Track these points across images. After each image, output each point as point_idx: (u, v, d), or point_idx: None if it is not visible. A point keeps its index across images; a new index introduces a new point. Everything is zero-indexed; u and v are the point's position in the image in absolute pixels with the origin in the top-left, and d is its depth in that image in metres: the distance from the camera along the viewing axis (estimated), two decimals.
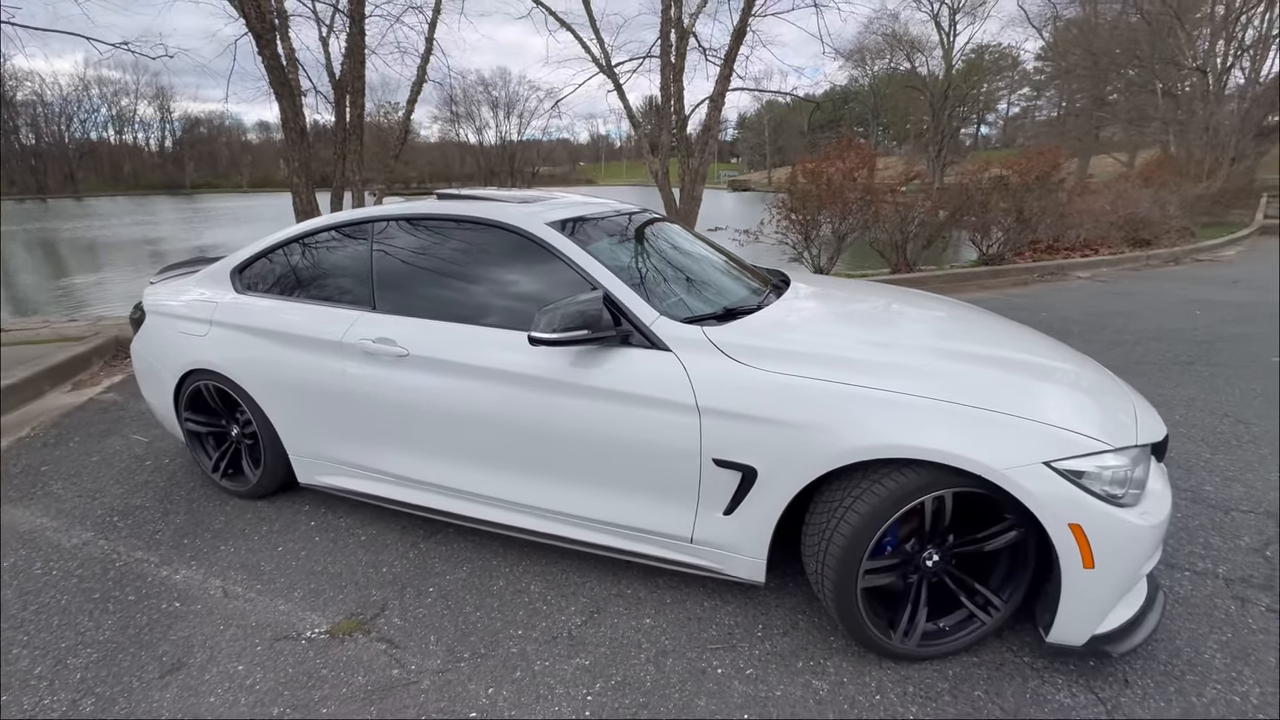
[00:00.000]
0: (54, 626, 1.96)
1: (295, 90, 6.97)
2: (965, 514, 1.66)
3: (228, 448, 2.75)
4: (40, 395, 4.12)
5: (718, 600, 2.02)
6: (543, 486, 2.05)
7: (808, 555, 1.76)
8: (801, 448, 1.64)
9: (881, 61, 42.65)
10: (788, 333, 2.00)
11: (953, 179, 9.58)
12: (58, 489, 2.86)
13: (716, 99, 8.74)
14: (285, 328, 2.43)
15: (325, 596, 2.08)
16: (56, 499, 2.77)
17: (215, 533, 2.48)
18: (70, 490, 2.85)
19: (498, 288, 2.19)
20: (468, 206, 2.32)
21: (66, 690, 1.71)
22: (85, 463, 3.13)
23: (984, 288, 7.55)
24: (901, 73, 41.13)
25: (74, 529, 2.52)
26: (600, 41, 9.22)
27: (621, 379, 1.85)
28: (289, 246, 2.60)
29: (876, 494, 1.58)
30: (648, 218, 2.78)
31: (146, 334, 2.86)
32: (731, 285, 2.44)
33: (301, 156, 6.92)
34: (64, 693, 1.70)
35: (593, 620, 1.94)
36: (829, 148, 8.23)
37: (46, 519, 2.60)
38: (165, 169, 74.86)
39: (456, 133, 67.98)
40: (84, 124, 71.60)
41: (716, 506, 1.81)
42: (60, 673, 1.77)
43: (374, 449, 2.33)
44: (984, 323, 2.42)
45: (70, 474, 3.01)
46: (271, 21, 6.40)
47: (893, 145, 51.27)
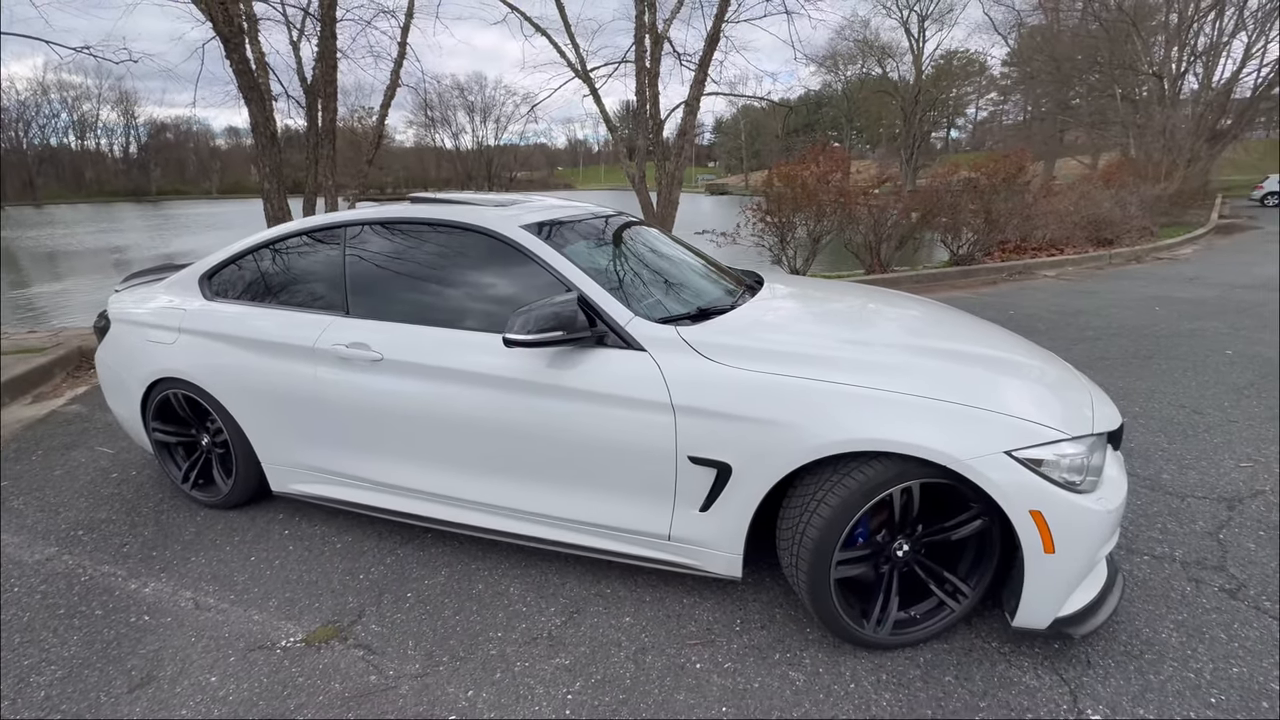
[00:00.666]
0: (16, 644, 1.91)
1: (265, 95, 6.86)
2: (933, 505, 1.71)
3: (198, 458, 2.70)
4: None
5: (696, 597, 2.04)
6: (520, 488, 2.05)
7: (782, 549, 1.80)
8: (774, 443, 1.67)
9: (854, 67, 43.46)
10: (761, 331, 2.04)
11: (924, 181, 9.79)
12: (18, 504, 2.78)
13: (691, 103, 8.82)
14: (256, 334, 2.40)
15: (301, 605, 2.05)
16: (17, 514, 2.69)
17: (185, 544, 2.43)
18: (32, 505, 2.76)
19: (472, 291, 2.19)
20: (442, 210, 2.32)
21: (30, 708, 1.66)
22: (48, 477, 3.04)
23: (955, 287, 7.73)
24: (874, 78, 41.93)
25: (36, 544, 2.45)
26: (575, 46, 9.25)
27: (597, 379, 1.87)
28: (259, 252, 2.57)
29: (847, 487, 1.62)
30: (623, 221, 2.80)
31: (112, 342, 2.80)
32: (706, 286, 2.48)
33: (273, 162, 6.81)
34: (27, 710, 1.65)
35: (572, 620, 1.95)
36: (804, 151, 8.36)
37: (7, 535, 2.52)
38: (130, 175, 72.87)
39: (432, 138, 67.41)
40: (43, 129, 69.49)
41: (693, 504, 1.84)
42: (23, 690, 1.72)
43: (349, 455, 2.31)
44: (953, 320, 2.49)
45: (32, 488, 2.92)
46: (240, 25, 6.30)
47: (866, 149, 52.21)
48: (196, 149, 78.77)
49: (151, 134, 76.04)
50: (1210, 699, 1.60)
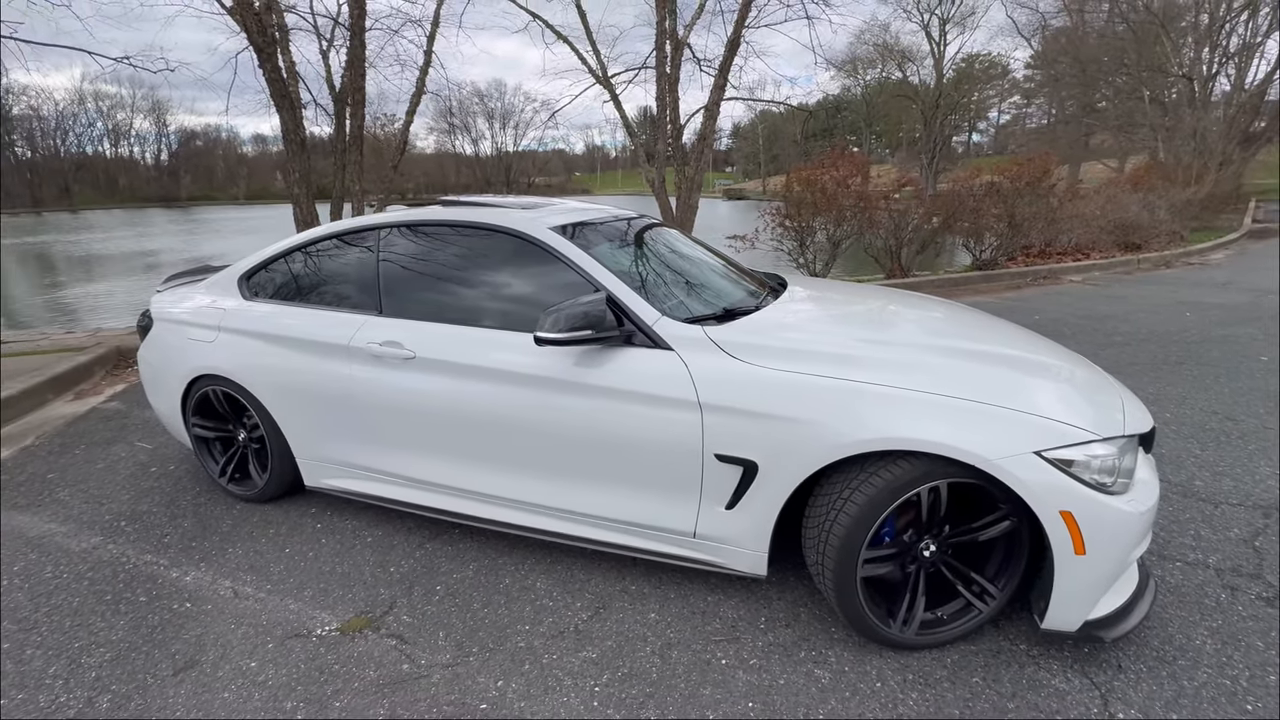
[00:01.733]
0: (67, 627, 1.99)
1: (295, 102, 7.05)
2: (961, 504, 1.71)
3: (235, 452, 2.79)
4: (43, 405, 4.14)
5: (721, 594, 2.06)
6: (548, 485, 2.09)
7: (808, 547, 1.81)
8: (800, 442, 1.69)
9: (873, 71, 43.15)
10: (786, 331, 2.05)
11: (945, 186, 9.71)
12: (64, 495, 2.89)
13: (711, 108, 8.86)
14: (293, 332, 2.48)
15: (334, 596, 2.11)
16: (64, 505, 2.80)
17: (223, 536, 2.51)
18: (77, 497, 2.87)
19: (502, 291, 2.24)
20: (471, 212, 2.38)
21: (82, 688, 1.73)
22: (91, 470, 3.15)
23: (978, 292, 7.64)
24: (893, 82, 41.58)
25: (82, 534, 2.55)
26: (596, 53, 9.36)
27: (625, 378, 1.90)
28: (296, 254, 2.65)
29: (874, 485, 1.63)
30: (647, 222, 2.84)
31: (154, 341, 2.90)
32: (730, 287, 2.50)
33: (302, 168, 6.98)
34: (80, 690, 1.73)
35: (599, 615, 1.98)
36: (822, 156, 8.34)
37: (55, 524, 2.63)
38: (161, 182, 74.97)
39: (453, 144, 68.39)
40: (80, 138, 71.88)
41: (719, 501, 1.86)
42: (75, 671, 1.80)
43: (380, 451, 2.37)
44: (978, 322, 2.48)
45: (76, 481, 3.03)
46: (272, 35, 6.49)
47: (886, 153, 51.78)
48: (225, 156, 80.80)
49: (182, 142, 78.32)
50: (1246, 706, 1.57)
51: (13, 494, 2.92)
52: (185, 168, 77.51)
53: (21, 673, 1.80)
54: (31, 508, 2.79)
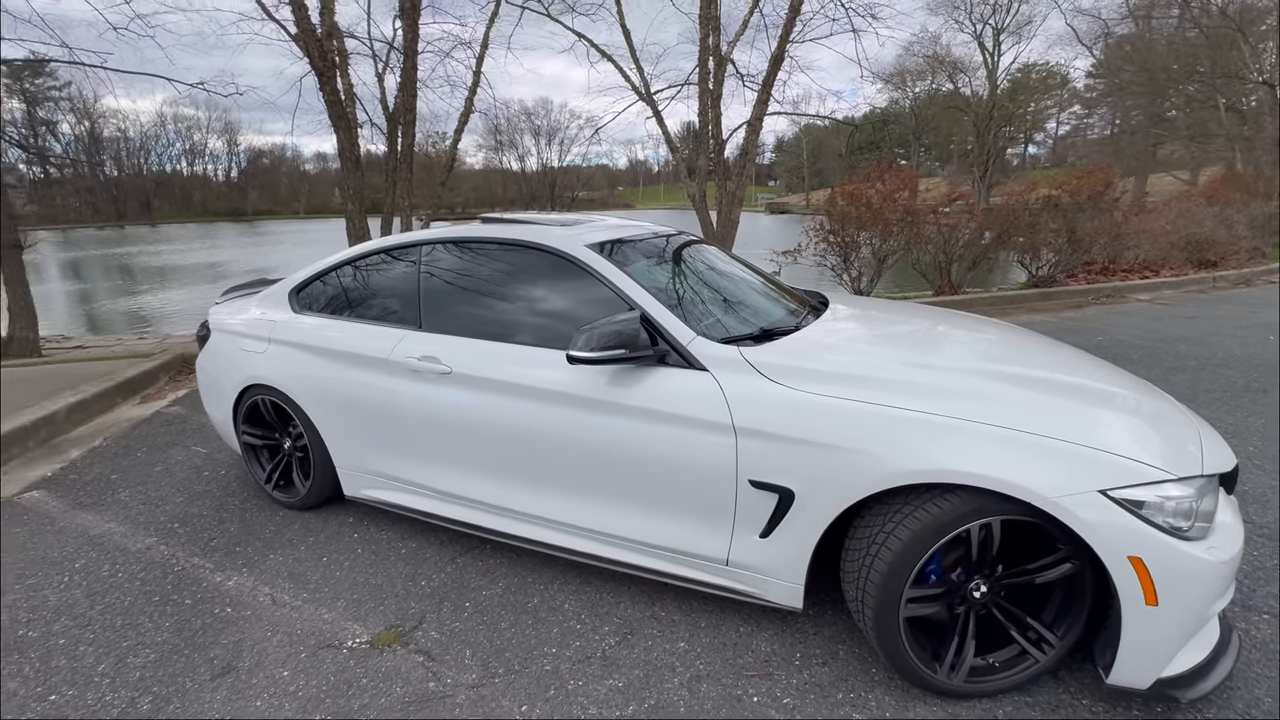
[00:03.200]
0: (118, 626, 2.07)
1: (352, 123, 7.37)
2: (1016, 543, 1.59)
3: (280, 460, 2.88)
4: (112, 408, 4.40)
5: (754, 626, 1.98)
6: (578, 504, 2.06)
7: (847, 582, 1.72)
8: (839, 470, 1.61)
9: (923, 83, 42.26)
10: (826, 353, 1.98)
11: (999, 199, 9.34)
12: (124, 496, 3.04)
13: (754, 123, 8.81)
14: (336, 345, 2.55)
15: (366, 607, 2.13)
16: (124, 506, 2.94)
17: (265, 541, 2.58)
18: (136, 498, 3.02)
19: (538, 307, 2.25)
20: (510, 230, 2.40)
21: (126, 688, 1.79)
22: (150, 472, 3.31)
23: (1034, 311, 7.29)
24: (943, 94, 40.60)
25: (138, 534, 2.66)
26: (640, 70, 9.46)
27: (658, 398, 1.86)
28: (342, 269, 2.74)
29: (919, 520, 1.53)
30: (685, 240, 2.81)
31: (211, 350, 3.04)
32: (768, 306, 2.44)
33: (356, 184, 7.29)
34: (124, 690, 1.79)
35: (626, 641, 1.93)
36: (868, 170, 8.17)
37: (114, 524, 2.76)
38: (230, 197, 79.72)
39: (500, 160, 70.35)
40: (160, 157, 77.33)
41: (753, 529, 1.79)
42: (121, 671, 1.86)
43: (416, 464, 2.40)
44: (1034, 345, 2.34)
45: (136, 482, 3.19)
46: (332, 60, 6.82)
47: (935, 166, 50.44)
48: (288, 173, 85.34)
49: (250, 160, 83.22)
50: None
51: (79, 493, 3.09)
52: (252, 184, 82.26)
53: (74, 669, 1.88)
54: (95, 507, 2.94)
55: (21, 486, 3.19)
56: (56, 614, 2.14)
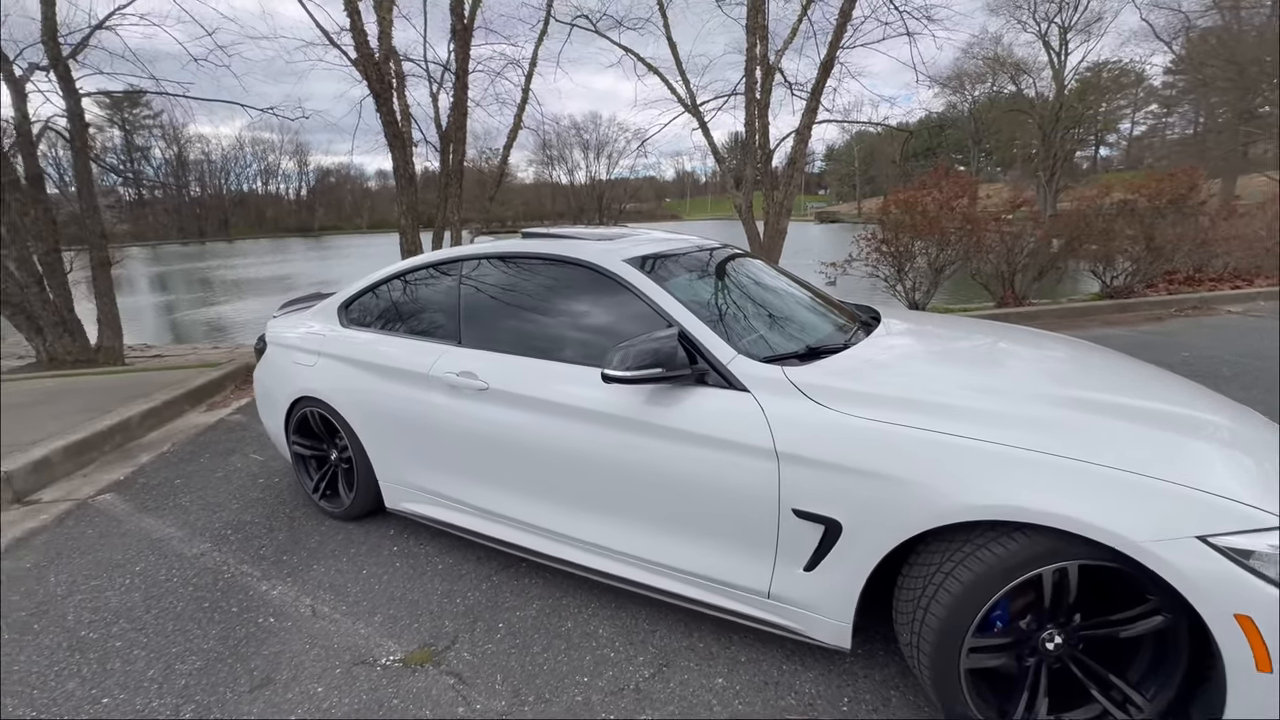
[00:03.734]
0: (169, 632, 2.14)
1: (407, 142, 7.66)
2: (1097, 590, 1.42)
3: (327, 471, 2.94)
4: (181, 414, 4.65)
5: (797, 664, 1.86)
6: (613, 527, 2.00)
7: (900, 624, 1.58)
8: (891, 503, 1.49)
9: (982, 86, 40.65)
10: (877, 374, 1.86)
11: (1068, 205, 8.80)
12: (186, 501, 3.18)
13: (802, 132, 8.64)
14: (380, 359, 2.59)
15: (402, 624, 2.12)
16: (184, 511, 3.07)
17: (310, 551, 2.63)
18: (196, 503, 3.15)
19: (575, 324, 2.21)
20: (549, 244, 2.38)
21: (172, 695, 1.84)
22: (210, 478, 3.46)
23: (1109, 323, 6.79)
24: (1005, 96, 38.92)
25: (194, 540, 2.77)
26: (686, 82, 9.46)
27: (695, 419, 1.78)
28: (388, 284, 2.79)
29: (982, 561, 1.39)
30: (728, 253, 2.73)
31: (266, 363, 3.16)
32: (815, 322, 2.32)
33: (409, 201, 7.55)
34: (169, 697, 1.83)
35: (661, 674, 1.84)
36: (923, 176, 7.85)
37: (174, 529, 2.88)
38: (299, 214, 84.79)
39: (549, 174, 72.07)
40: (238, 177, 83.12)
41: (796, 561, 1.68)
42: (169, 677, 1.91)
43: (453, 479, 2.40)
44: (1112, 365, 2.14)
45: (197, 488, 3.33)
46: (390, 82, 7.12)
47: (996, 171, 48.34)
48: (352, 190, 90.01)
49: (318, 178, 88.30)
50: None
51: (146, 497, 3.25)
52: (319, 201, 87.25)
53: (126, 672, 1.94)
54: (159, 511, 3.09)
55: (97, 489, 3.38)
56: (116, 616, 2.23)
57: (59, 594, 2.39)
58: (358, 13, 6.76)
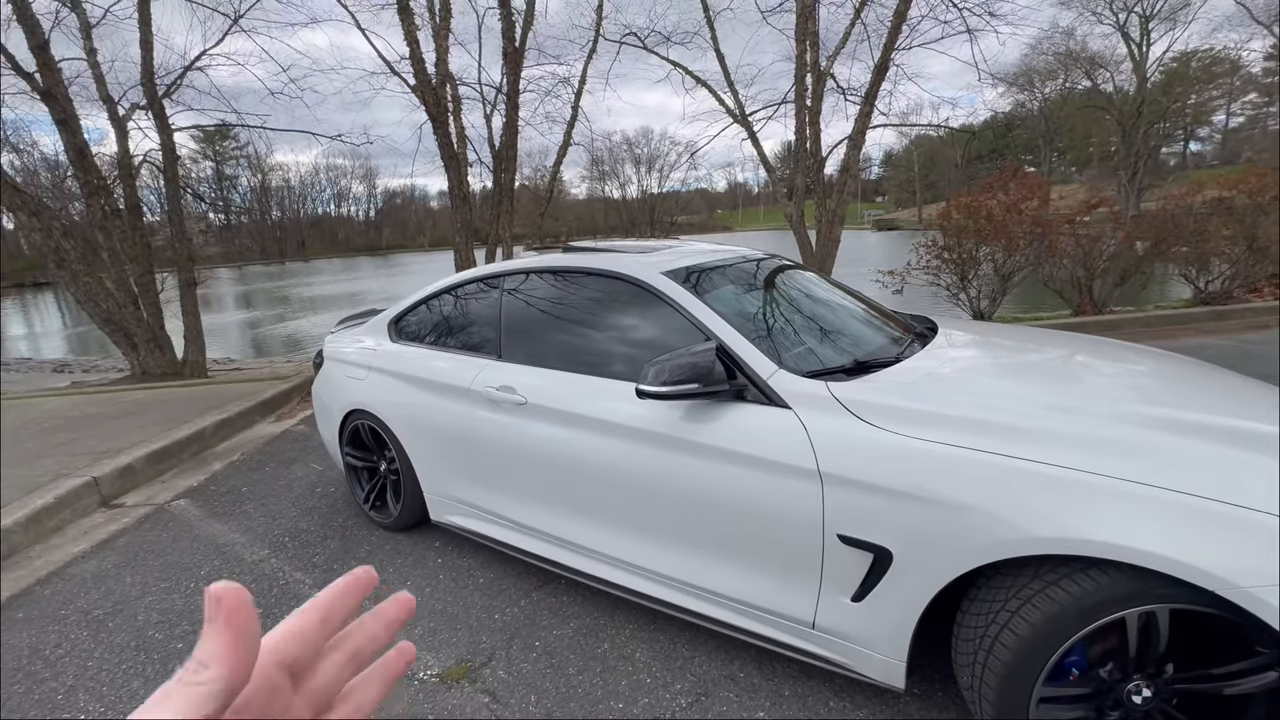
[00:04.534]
0: None
1: (462, 162, 7.95)
2: (1193, 634, 1.25)
3: (376, 482, 3.02)
4: (252, 425, 4.93)
5: (846, 701, 1.73)
6: (650, 547, 1.94)
7: (960, 665, 1.44)
8: (947, 531, 1.36)
9: (1054, 82, 38.55)
10: (931, 390, 1.72)
11: (1153, 205, 8.14)
12: (250, 508, 3.34)
13: (856, 138, 8.39)
14: (425, 374, 2.64)
15: (441, 637, 2.13)
16: (248, 517, 3.23)
17: (359, 561, 2.69)
18: (259, 510, 3.30)
19: (614, 338, 2.18)
20: (588, 258, 2.37)
21: None
22: (274, 486, 3.63)
23: (1203, 332, 6.19)
24: (1079, 92, 36.73)
25: (255, 546, 2.90)
26: (734, 93, 9.39)
27: (734, 437, 1.71)
28: (433, 300, 2.86)
29: (1055, 600, 1.25)
30: (774, 264, 2.64)
31: (323, 377, 3.29)
32: (865, 334, 2.20)
33: (464, 218, 7.81)
34: None
35: (699, 704, 1.76)
36: (988, 179, 7.45)
37: (238, 535, 3.03)
38: (368, 234, 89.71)
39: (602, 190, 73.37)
40: (313, 201, 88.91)
41: (843, 591, 1.57)
42: None
43: (494, 493, 2.40)
44: (1207, 380, 1.92)
45: (261, 495, 3.50)
46: (446, 106, 7.43)
47: (1071, 171, 45.59)
48: (416, 210, 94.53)
49: (385, 200, 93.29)
50: None
51: (215, 503, 3.44)
52: (386, 221, 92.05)
53: None
54: (226, 516, 3.26)
55: (173, 494, 3.61)
56: (180, 618, 2.35)
57: (133, 594, 2.54)
58: (416, 42, 7.10)
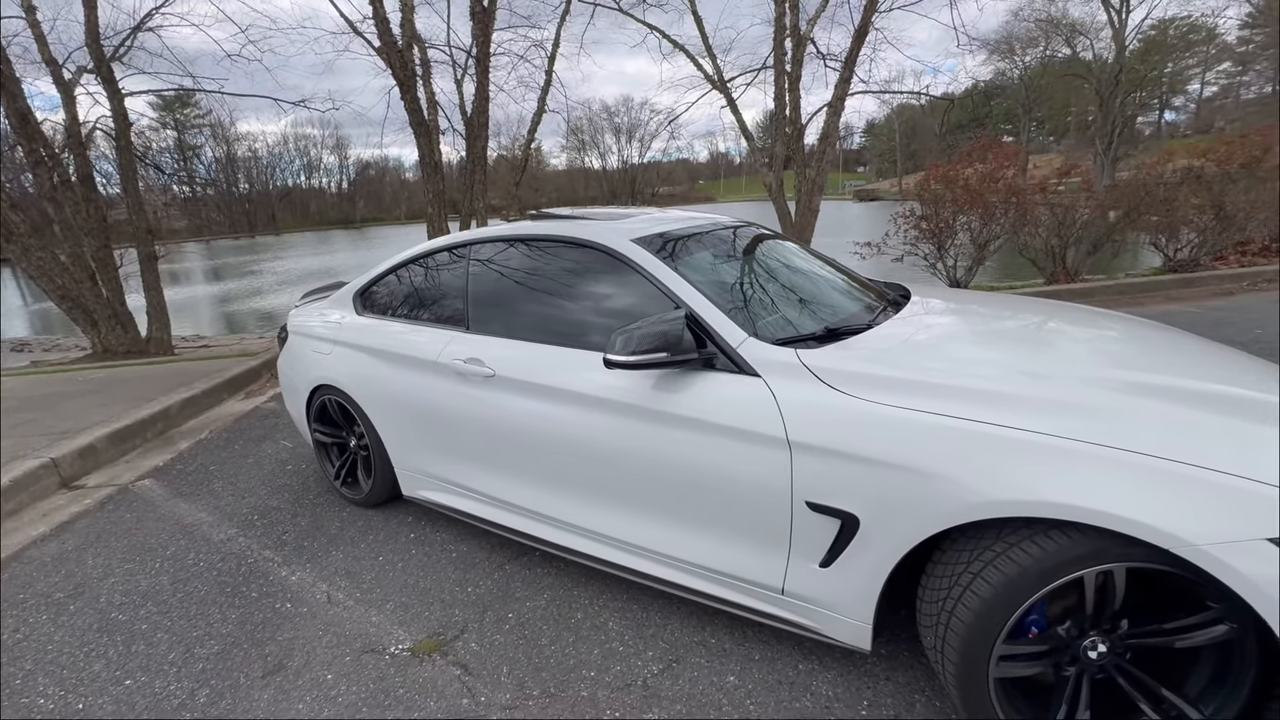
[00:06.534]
0: (192, 615, 2.18)
1: (433, 130, 7.69)
2: (1149, 593, 1.28)
3: (347, 458, 2.96)
4: (220, 403, 4.80)
5: (815, 663, 1.76)
6: (622, 517, 1.93)
7: (924, 626, 1.46)
8: (912, 496, 1.36)
9: (1034, 50, 38.38)
10: (901, 356, 1.71)
11: (1127, 174, 8.20)
12: (218, 487, 3.26)
13: (835, 104, 8.28)
14: (391, 347, 2.57)
15: (413, 612, 2.11)
16: (216, 496, 3.15)
17: (330, 537, 2.65)
18: (227, 489, 3.23)
19: (583, 307, 2.13)
20: (558, 226, 2.30)
21: (189, 679, 1.87)
22: (242, 464, 3.55)
23: (1172, 299, 6.32)
24: (1059, 60, 36.64)
25: (223, 525, 2.83)
26: (713, 58, 9.17)
27: (703, 406, 1.68)
28: (400, 270, 2.77)
29: (1015, 561, 1.26)
30: (749, 233, 2.59)
31: (288, 352, 3.19)
32: (838, 301, 2.18)
33: (436, 189, 7.58)
34: (186, 680, 1.86)
35: (670, 670, 1.77)
36: (966, 148, 7.43)
37: (205, 514, 2.96)
38: (341, 207, 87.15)
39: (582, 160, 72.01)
40: (283, 172, 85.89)
41: (811, 556, 1.57)
42: (188, 661, 1.95)
43: (464, 467, 2.37)
44: (1173, 343, 1.93)
45: (229, 474, 3.42)
46: (413, 70, 7.13)
47: (1049, 141, 45.85)
48: (390, 182, 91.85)
49: (358, 171, 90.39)
50: None
51: (182, 483, 3.36)
52: (360, 194, 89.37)
53: (149, 655, 1.99)
54: (192, 496, 3.18)
55: (137, 474, 3.51)
56: (145, 599, 2.30)
57: (95, 576, 2.48)
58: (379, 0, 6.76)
